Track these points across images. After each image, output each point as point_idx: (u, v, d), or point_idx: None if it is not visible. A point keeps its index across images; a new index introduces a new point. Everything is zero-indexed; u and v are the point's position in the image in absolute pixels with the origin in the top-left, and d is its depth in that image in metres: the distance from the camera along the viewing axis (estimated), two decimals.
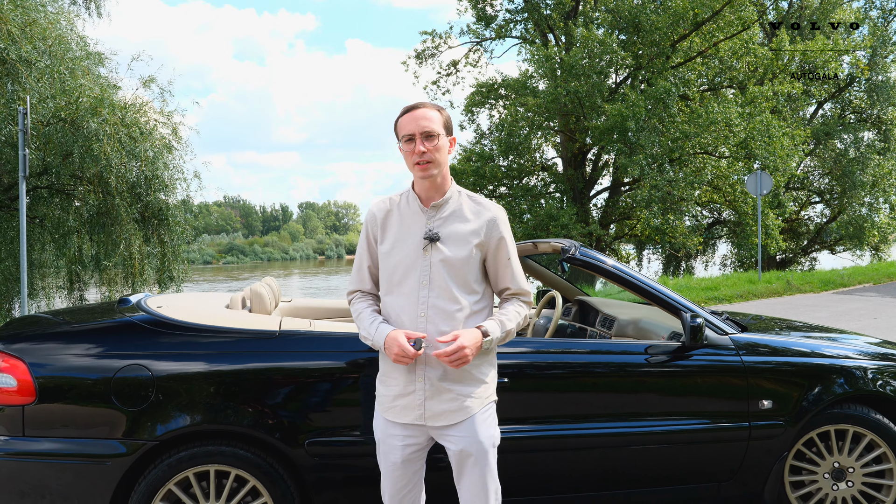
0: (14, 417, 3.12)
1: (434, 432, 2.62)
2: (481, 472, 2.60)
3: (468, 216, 2.62)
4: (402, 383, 2.60)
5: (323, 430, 3.21)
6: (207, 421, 3.12)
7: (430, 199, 2.64)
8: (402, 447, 2.63)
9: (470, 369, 2.58)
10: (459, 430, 2.57)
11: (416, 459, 2.68)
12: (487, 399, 2.64)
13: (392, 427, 2.65)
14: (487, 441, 2.60)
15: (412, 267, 2.59)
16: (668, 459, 3.55)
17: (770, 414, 3.60)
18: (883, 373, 3.86)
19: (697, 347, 3.57)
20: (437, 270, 2.57)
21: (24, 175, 9.42)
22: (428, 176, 2.57)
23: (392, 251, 2.63)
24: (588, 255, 3.72)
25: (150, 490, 3.08)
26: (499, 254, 2.63)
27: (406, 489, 2.70)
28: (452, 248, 2.58)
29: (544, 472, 3.45)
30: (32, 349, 3.17)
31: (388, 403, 2.66)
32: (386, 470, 2.69)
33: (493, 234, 2.61)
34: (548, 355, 3.47)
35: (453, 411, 2.56)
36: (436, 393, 2.56)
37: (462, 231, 2.59)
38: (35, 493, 3.11)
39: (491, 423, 2.64)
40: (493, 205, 2.68)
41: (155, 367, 3.13)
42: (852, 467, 3.72)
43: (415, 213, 2.65)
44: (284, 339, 3.26)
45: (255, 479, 3.15)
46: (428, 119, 2.55)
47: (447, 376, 2.56)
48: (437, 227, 2.60)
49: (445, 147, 2.59)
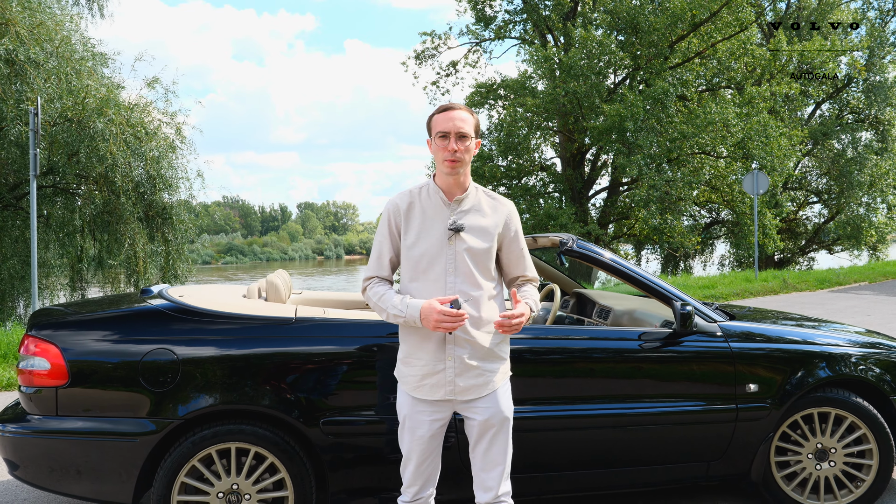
0: (48, 398, 3.34)
1: (460, 406, 2.85)
2: (503, 439, 2.87)
3: (486, 210, 2.88)
4: (429, 363, 2.82)
5: (337, 409, 3.43)
6: (228, 401, 3.34)
7: (452, 194, 2.87)
8: (429, 422, 2.86)
9: (493, 348, 2.83)
10: (485, 402, 2.82)
11: (439, 434, 2.91)
12: (506, 374, 2.91)
13: (420, 404, 2.86)
14: (508, 411, 2.87)
15: (438, 255, 2.82)
16: (660, 439, 3.77)
17: (756, 397, 3.82)
18: (866, 359, 4.08)
19: (688, 334, 3.79)
20: (462, 258, 2.81)
21: (35, 174, 9.62)
22: (455, 173, 2.81)
23: (418, 241, 2.85)
24: (585, 247, 3.94)
25: (176, 466, 3.29)
26: (515, 245, 2.93)
27: (429, 459, 2.93)
28: (475, 238, 2.83)
29: (543, 452, 3.66)
30: (64, 335, 3.39)
31: (415, 383, 2.85)
32: (413, 444, 2.89)
33: (510, 228, 2.91)
34: (546, 341, 3.70)
35: (480, 385, 2.81)
36: (464, 370, 2.79)
37: (482, 223, 2.85)
38: (68, 468, 3.33)
39: (509, 396, 2.91)
40: (506, 200, 2.96)
41: (179, 350, 3.35)
42: (834, 448, 3.94)
43: (438, 206, 2.87)
44: (300, 325, 3.49)
45: (273, 456, 3.36)
46: (463, 121, 2.79)
47: (474, 354, 2.80)
48: (460, 220, 2.84)
49: (472, 149, 2.84)
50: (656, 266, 32.43)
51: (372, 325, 3.51)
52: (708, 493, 4.34)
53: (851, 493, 3.96)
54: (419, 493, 2.96)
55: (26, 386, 3.41)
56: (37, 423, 3.36)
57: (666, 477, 3.85)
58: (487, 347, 2.81)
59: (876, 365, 4.08)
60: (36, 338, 3.40)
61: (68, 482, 3.37)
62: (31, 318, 3.61)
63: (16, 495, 4.48)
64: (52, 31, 14.06)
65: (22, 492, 4.53)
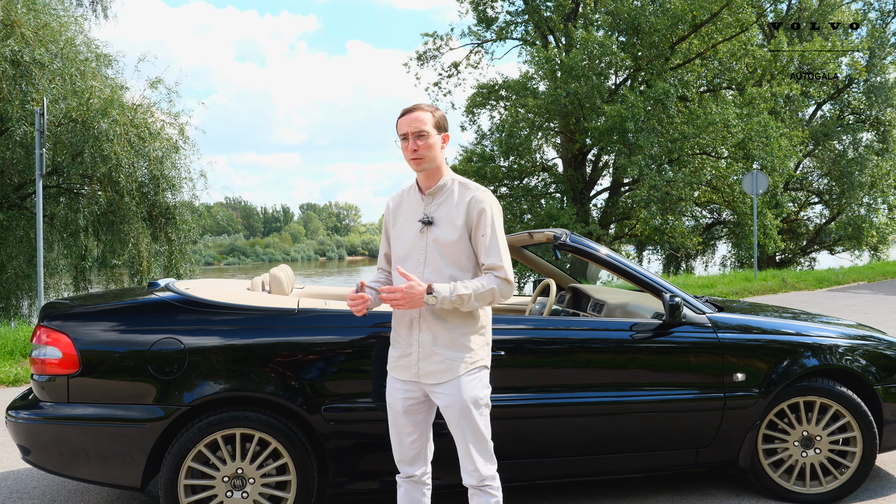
0: (59, 386, 3.48)
1: (426, 388, 2.98)
2: (465, 427, 2.94)
3: (457, 200, 2.98)
4: (402, 346, 3.01)
5: (338, 397, 3.56)
6: (233, 388, 3.47)
7: (427, 188, 3.02)
8: (403, 399, 3.02)
9: (457, 337, 2.93)
10: (446, 388, 2.93)
11: (417, 411, 3.04)
12: (474, 364, 2.96)
13: (395, 382, 3.05)
14: (470, 400, 2.92)
15: (413, 247, 2.99)
16: (651, 427, 3.89)
17: (743, 386, 3.95)
18: (853, 351, 4.20)
19: (677, 324, 3.92)
20: (431, 250, 2.95)
21: (41, 173, 9.77)
22: (421, 169, 2.97)
23: (400, 234, 3.06)
24: (578, 241, 4.07)
25: (183, 451, 3.42)
26: (477, 229, 2.95)
27: (412, 437, 3.06)
28: (444, 230, 2.95)
29: (538, 438, 3.79)
30: (75, 325, 3.52)
31: (393, 362, 3.06)
32: (392, 419, 3.07)
33: (472, 211, 2.94)
34: (541, 331, 3.83)
35: (441, 371, 2.92)
36: (427, 355, 2.93)
37: (452, 214, 2.96)
38: (79, 453, 3.47)
39: (476, 385, 2.96)
40: (479, 187, 3.01)
41: (186, 340, 3.48)
42: (819, 436, 4.07)
43: (416, 201, 3.05)
44: (303, 316, 3.62)
45: (276, 441, 3.50)
46: (420, 121, 2.93)
47: (436, 341, 2.92)
48: (433, 212, 2.98)
49: (437, 144, 2.96)
50: (658, 266, 32.50)
51: (371, 316, 3.63)
52: (698, 479, 4.47)
53: (836, 480, 4.08)
54: (410, 472, 3.10)
55: (39, 374, 3.54)
56: (49, 409, 3.49)
57: (657, 463, 3.98)
58: (449, 336, 2.92)
59: (862, 356, 4.21)
60: (48, 328, 3.54)
61: (78, 466, 3.50)
62: (43, 310, 3.75)
63: (26, 484, 4.61)
64: (56, 33, 14.21)
65: (32, 480, 4.67)
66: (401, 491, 3.15)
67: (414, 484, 3.13)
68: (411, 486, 3.13)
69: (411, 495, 3.13)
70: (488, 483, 2.98)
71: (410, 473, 3.11)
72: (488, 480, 2.98)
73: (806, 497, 4.06)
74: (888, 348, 4.33)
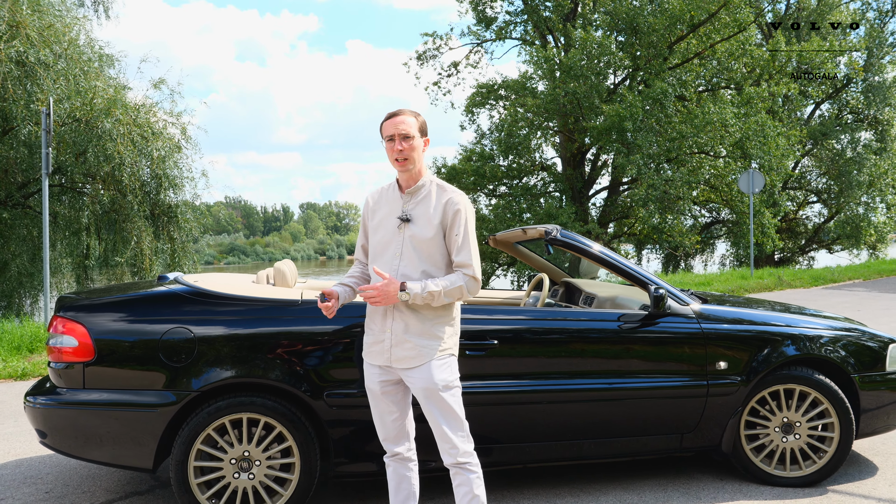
0: (75, 373, 3.67)
1: (399, 373, 3.19)
2: (435, 409, 3.14)
3: (434, 201, 3.19)
4: (376, 333, 3.21)
5: (339, 383, 3.75)
6: (241, 375, 3.66)
7: (407, 187, 3.23)
8: (378, 382, 3.23)
9: (428, 327, 3.13)
10: (417, 372, 3.13)
11: (393, 392, 3.24)
12: (443, 352, 3.17)
13: (370, 367, 3.26)
14: (440, 383, 3.12)
15: (390, 242, 3.19)
16: (637, 413, 4.08)
17: (725, 374, 4.14)
18: (835, 342, 4.39)
19: (661, 315, 4.12)
20: (408, 245, 3.16)
21: (47, 172, 9.96)
22: (405, 170, 3.17)
23: (378, 229, 3.25)
24: (568, 236, 4.27)
25: (192, 434, 3.61)
26: (451, 229, 3.15)
27: (392, 416, 3.27)
28: (420, 227, 3.15)
29: (530, 423, 3.98)
30: (90, 315, 3.71)
31: (367, 348, 3.27)
32: (372, 400, 3.29)
33: (448, 212, 3.15)
34: (534, 321, 4.03)
35: (412, 357, 3.13)
36: (398, 342, 3.14)
37: (428, 213, 3.16)
38: (94, 436, 3.66)
39: (445, 370, 3.15)
40: (455, 190, 3.22)
41: (196, 329, 3.67)
42: (799, 422, 4.26)
43: (395, 199, 3.25)
44: (306, 307, 3.81)
45: (281, 425, 3.68)
46: (406, 124, 3.14)
47: (408, 329, 3.13)
48: (410, 210, 3.19)
49: (419, 147, 3.17)
50: (657, 265, 32.64)
51: None
52: (684, 464, 4.66)
53: (815, 464, 4.27)
54: (395, 449, 3.31)
55: (56, 362, 3.73)
56: (65, 395, 3.68)
57: (643, 448, 4.17)
58: (421, 326, 3.12)
59: (842, 347, 4.40)
60: (64, 318, 3.73)
61: (93, 449, 3.69)
62: (59, 301, 3.93)
63: (39, 470, 4.80)
64: (60, 34, 14.36)
65: (44, 467, 4.86)
66: (389, 470, 3.36)
67: (400, 461, 3.33)
68: (398, 465, 3.34)
69: (399, 473, 3.34)
70: (466, 461, 3.16)
71: (395, 451, 3.31)
72: (466, 457, 3.16)
73: (786, 480, 4.25)
74: (870, 340, 4.52)
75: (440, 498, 4.14)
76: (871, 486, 4.26)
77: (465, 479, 3.17)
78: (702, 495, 4.15)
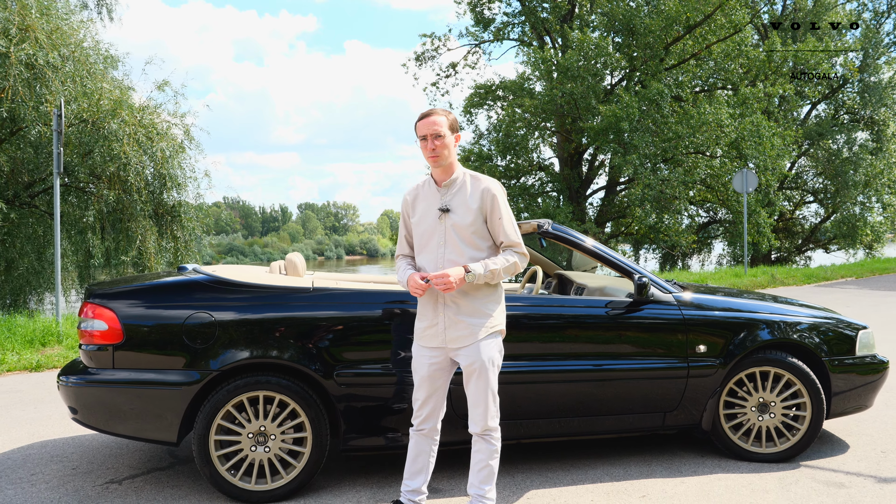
0: (105, 355, 3.99)
1: (451, 353, 3.52)
2: (482, 382, 3.48)
3: (470, 190, 3.53)
4: (430, 318, 3.54)
5: (348, 363, 4.08)
6: (257, 356, 3.98)
7: (442, 181, 3.56)
8: (428, 365, 3.57)
9: (478, 306, 3.48)
10: (468, 350, 3.47)
11: (438, 377, 3.58)
12: (492, 329, 3.51)
13: (422, 350, 3.59)
14: (487, 360, 3.47)
15: (434, 232, 3.52)
16: (623, 393, 4.41)
17: (705, 357, 4.47)
18: (811, 328, 4.72)
19: (645, 302, 4.45)
20: (450, 233, 3.49)
21: (59, 171, 10.26)
22: (438, 165, 3.51)
23: (420, 222, 3.59)
24: (559, 229, 4.60)
25: (213, 410, 3.93)
26: (492, 214, 3.51)
27: (432, 398, 3.61)
28: (460, 215, 3.49)
29: (525, 402, 4.30)
30: (119, 301, 4.03)
31: (420, 333, 3.60)
32: (418, 382, 3.61)
33: (486, 199, 3.50)
34: (528, 308, 4.35)
35: (464, 336, 3.47)
36: (452, 324, 3.48)
37: (466, 202, 3.50)
38: (121, 412, 3.98)
39: (492, 347, 3.50)
40: (488, 178, 3.56)
41: (216, 314, 4.00)
42: (774, 402, 4.59)
43: (433, 193, 3.59)
44: (317, 294, 4.14)
45: (294, 403, 4.00)
46: (437, 124, 3.48)
47: (460, 311, 3.47)
48: (448, 202, 3.52)
49: (451, 143, 3.52)
50: (655, 265, 32.95)
51: (375, 294, 4.16)
52: (667, 443, 4.99)
53: (788, 441, 4.60)
54: (424, 423, 3.65)
55: (87, 344, 4.05)
56: (95, 374, 4.00)
57: (629, 425, 4.49)
58: (472, 306, 3.46)
59: (817, 334, 4.72)
60: (94, 304, 4.05)
61: (119, 423, 4.01)
62: (88, 289, 4.25)
63: (63, 449, 5.12)
64: (67, 36, 14.67)
65: (68, 447, 5.18)
66: (412, 441, 3.69)
67: (424, 436, 3.67)
68: (422, 438, 3.68)
69: (420, 446, 3.68)
70: (491, 433, 3.53)
71: (423, 427, 3.65)
72: (492, 431, 3.53)
73: (762, 456, 4.58)
74: (842, 327, 4.84)
75: (450, 475, 4.46)
76: (840, 462, 4.59)
77: (486, 448, 3.53)
78: (683, 470, 4.48)
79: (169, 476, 4.51)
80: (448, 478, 4.37)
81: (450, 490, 4.18)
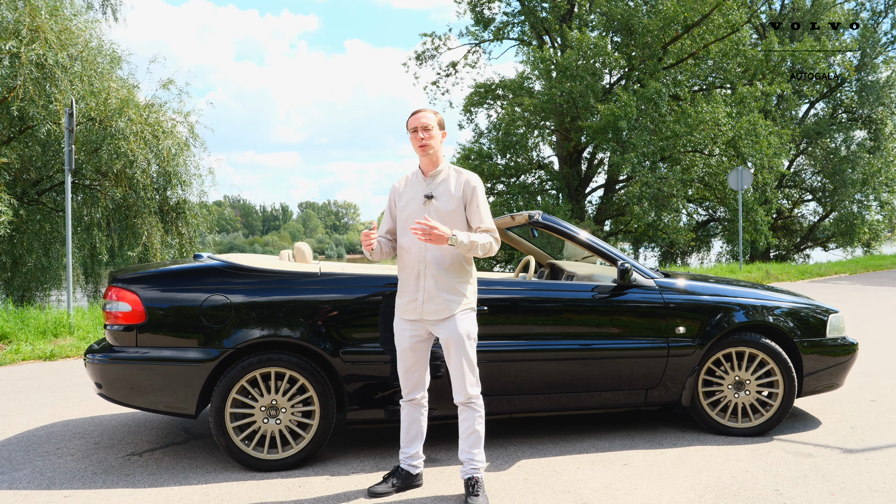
0: (129, 334, 4.33)
1: (429, 325, 3.85)
2: (461, 354, 3.81)
3: (453, 181, 3.89)
4: (410, 292, 3.87)
5: (353, 342, 4.41)
6: (269, 335, 4.32)
7: (428, 171, 3.92)
8: (409, 337, 3.90)
9: (454, 284, 3.81)
10: (445, 324, 3.81)
11: (419, 349, 3.91)
12: (465, 306, 3.85)
13: (403, 323, 3.92)
14: (463, 333, 3.81)
15: (418, 216, 3.85)
16: (608, 371, 4.75)
17: (684, 337, 4.81)
18: (786, 313, 5.05)
19: (628, 286, 4.79)
20: (433, 217, 3.82)
21: (70, 168, 10.60)
22: (426, 155, 3.86)
23: (405, 207, 3.93)
24: (549, 220, 4.93)
25: (228, 385, 4.27)
26: (471, 203, 3.86)
27: (413, 369, 3.95)
28: (443, 202, 3.84)
29: (517, 378, 4.64)
30: (141, 285, 4.37)
31: (402, 307, 3.92)
32: (400, 353, 3.94)
33: (467, 189, 3.86)
34: (520, 292, 4.69)
35: (440, 310, 3.80)
36: (430, 298, 3.81)
37: (450, 191, 3.86)
38: (143, 386, 4.32)
39: (467, 322, 3.84)
40: (469, 172, 3.92)
41: (232, 297, 4.33)
42: (749, 380, 4.92)
43: (419, 182, 3.94)
44: (324, 278, 4.48)
45: (303, 378, 4.34)
46: (426, 118, 3.87)
47: (438, 286, 3.80)
48: (433, 190, 3.88)
49: (438, 137, 3.88)
50: (654, 262, 33.23)
51: (377, 278, 4.50)
52: (649, 419, 5.33)
53: (762, 416, 4.94)
54: (411, 395, 3.99)
55: (112, 325, 4.38)
56: (120, 352, 4.34)
57: (613, 401, 4.83)
58: (448, 283, 3.80)
59: (791, 318, 5.06)
60: (118, 288, 4.38)
61: (140, 397, 4.34)
62: (112, 274, 4.59)
63: (84, 428, 5.46)
64: (75, 37, 15.00)
65: (88, 426, 5.52)
66: (404, 412, 4.02)
67: (415, 406, 4.01)
68: (412, 408, 4.01)
69: (412, 415, 4.02)
70: (474, 400, 3.86)
71: (412, 397, 3.99)
72: (474, 399, 3.86)
73: (738, 430, 4.92)
74: (815, 311, 5.18)
75: (448, 447, 4.80)
76: (810, 436, 4.93)
77: (470, 416, 3.86)
78: (664, 442, 4.82)
79: (185, 449, 4.85)
80: (446, 449, 4.71)
81: (447, 460, 4.52)
